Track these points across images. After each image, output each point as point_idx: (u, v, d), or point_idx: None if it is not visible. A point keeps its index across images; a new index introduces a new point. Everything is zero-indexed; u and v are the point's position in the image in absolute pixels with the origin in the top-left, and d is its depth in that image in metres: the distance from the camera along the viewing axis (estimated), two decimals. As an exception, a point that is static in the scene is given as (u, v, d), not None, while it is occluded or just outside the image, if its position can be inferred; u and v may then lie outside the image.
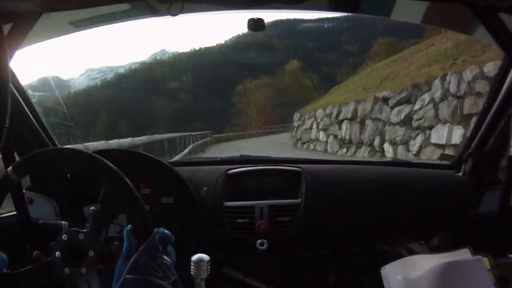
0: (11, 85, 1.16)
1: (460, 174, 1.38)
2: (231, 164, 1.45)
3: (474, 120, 5.18)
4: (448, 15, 1.18)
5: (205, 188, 1.29)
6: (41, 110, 1.31)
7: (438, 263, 0.97)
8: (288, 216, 1.26)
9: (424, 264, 1.00)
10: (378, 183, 1.36)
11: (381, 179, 1.38)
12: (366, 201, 1.31)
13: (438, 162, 1.53)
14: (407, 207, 1.32)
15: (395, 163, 1.84)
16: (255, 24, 1.14)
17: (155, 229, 0.73)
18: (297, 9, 1.20)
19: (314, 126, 12.13)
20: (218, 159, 1.65)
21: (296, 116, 15.18)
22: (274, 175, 1.41)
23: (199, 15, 1.20)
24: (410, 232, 1.38)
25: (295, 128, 14.46)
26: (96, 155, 0.78)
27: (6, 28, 0.98)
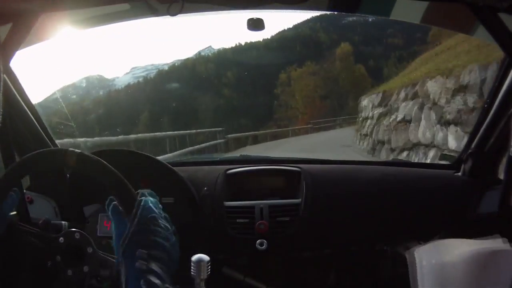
0: (11, 85, 1.16)
1: (460, 174, 1.38)
2: (231, 164, 1.45)
3: None
4: (448, 15, 1.18)
5: (205, 188, 1.29)
6: (41, 111, 1.31)
7: (475, 250, 0.92)
8: (288, 216, 1.26)
9: (458, 249, 0.95)
10: (378, 183, 1.36)
11: (381, 179, 1.38)
12: (366, 201, 1.31)
13: (438, 162, 1.53)
14: (407, 207, 1.32)
15: (395, 163, 1.84)
16: (255, 24, 1.14)
17: (138, 197, 0.69)
18: (297, 9, 1.21)
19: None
20: (218, 159, 1.65)
21: (367, 101, 9.44)
22: (274, 175, 1.41)
23: (198, 15, 1.20)
24: (410, 232, 1.38)
25: (365, 120, 9.04)
26: (96, 156, 0.78)
27: (6, 28, 0.98)
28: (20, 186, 1.00)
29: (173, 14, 1.02)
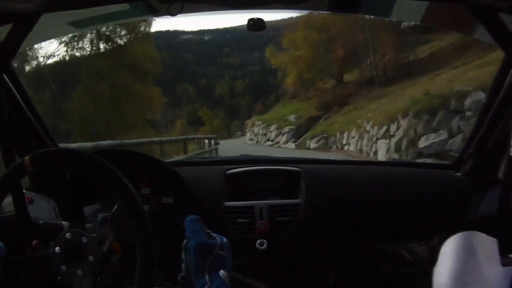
0: (11, 85, 1.17)
1: (460, 174, 1.38)
2: (231, 164, 1.45)
3: None
4: (448, 15, 1.18)
5: (204, 188, 1.29)
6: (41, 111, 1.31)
7: None
8: (288, 216, 1.26)
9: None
10: (378, 183, 1.36)
11: (381, 179, 1.38)
12: (366, 201, 1.31)
13: (438, 162, 1.53)
14: (407, 207, 1.32)
15: (395, 163, 1.84)
16: (255, 24, 1.14)
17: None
18: (297, 9, 1.21)
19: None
20: (218, 159, 1.65)
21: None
22: (273, 175, 1.41)
23: (198, 15, 1.20)
24: (410, 232, 1.38)
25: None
26: (98, 157, 0.79)
27: (6, 28, 0.98)
28: (20, 186, 1.00)
29: (173, 14, 1.02)
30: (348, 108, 17.27)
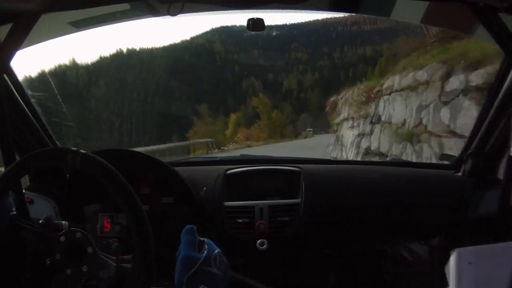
0: (11, 85, 1.17)
1: (460, 174, 1.38)
2: (231, 164, 1.45)
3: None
4: (448, 15, 1.18)
5: (204, 188, 1.29)
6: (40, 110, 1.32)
7: None
8: (287, 216, 1.26)
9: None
10: (378, 183, 1.36)
11: (381, 179, 1.38)
12: (366, 201, 1.31)
13: (438, 162, 1.53)
14: (407, 207, 1.32)
15: (395, 163, 1.84)
16: (255, 24, 1.14)
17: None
18: (297, 9, 1.20)
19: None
20: (218, 159, 1.65)
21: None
22: (273, 175, 1.41)
23: (199, 15, 1.20)
24: (410, 232, 1.38)
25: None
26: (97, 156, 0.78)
27: (6, 28, 0.98)
28: (20, 185, 1.00)
29: (173, 14, 1.02)
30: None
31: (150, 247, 0.75)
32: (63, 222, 0.92)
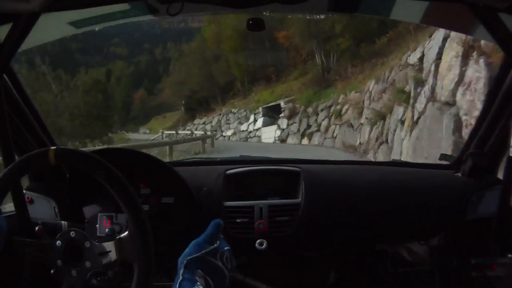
0: (11, 85, 1.17)
1: (459, 174, 1.38)
2: (231, 164, 1.45)
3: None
4: (448, 15, 1.18)
5: (204, 188, 1.29)
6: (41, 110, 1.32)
7: None
8: (287, 216, 1.26)
9: None
10: (377, 183, 1.36)
11: (381, 179, 1.38)
12: (365, 201, 1.31)
13: (438, 162, 1.53)
14: (407, 207, 1.32)
15: (395, 163, 1.84)
16: (255, 24, 1.14)
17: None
18: (297, 9, 1.21)
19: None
20: (218, 159, 1.65)
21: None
22: (273, 175, 1.41)
23: (198, 15, 1.20)
24: (410, 232, 1.38)
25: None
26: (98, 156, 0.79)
27: (6, 28, 0.98)
28: (20, 186, 1.01)
29: (173, 14, 1.02)
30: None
31: (150, 247, 0.75)
32: (63, 222, 0.92)
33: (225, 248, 0.74)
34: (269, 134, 18.13)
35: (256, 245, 1.23)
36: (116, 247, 0.78)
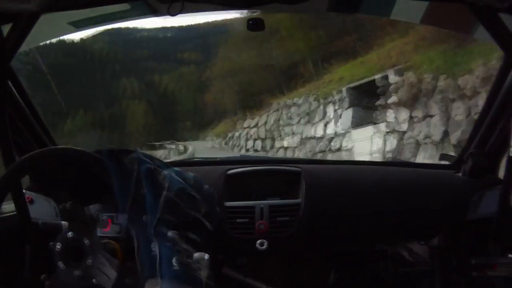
0: (11, 85, 1.17)
1: (460, 174, 1.38)
2: (231, 164, 1.45)
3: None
4: (448, 15, 1.18)
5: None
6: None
7: None
8: (288, 216, 1.26)
9: None
10: (378, 183, 1.36)
11: (381, 179, 1.38)
12: (366, 201, 1.31)
13: (438, 162, 1.53)
14: (407, 207, 1.32)
15: (395, 163, 1.84)
16: (255, 24, 1.14)
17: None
18: (297, 9, 1.21)
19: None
20: (218, 159, 1.65)
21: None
22: (274, 175, 1.41)
23: (198, 15, 1.20)
24: (410, 232, 1.38)
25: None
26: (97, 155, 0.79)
27: (6, 28, 0.98)
28: (20, 186, 1.00)
29: (173, 14, 1.02)
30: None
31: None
32: (63, 222, 0.92)
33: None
34: (366, 144, 8.50)
35: (257, 245, 1.23)
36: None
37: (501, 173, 1.24)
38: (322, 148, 10.16)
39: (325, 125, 10.43)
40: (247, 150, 14.59)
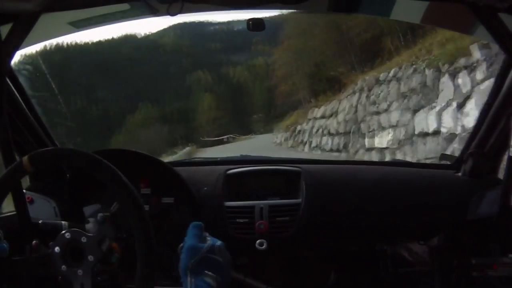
0: (11, 85, 1.17)
1: (460, 174, 1.38)
2: (231, 164, 1.45)
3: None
4: (448, 15, 1.18)
5: (205, 188, 1.29)
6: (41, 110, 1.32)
7: None
8: (288, 216, 1.26)
9: None
10: (378, 183, 1.36)
11: (381, 179, 1.38)
12: (366, 201, 1.31)
13: (438, 162, 1.53)
14: (407, 207, 1.32)
15: (395, 163, 1.84)
16: (255, 24, 1.14)
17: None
18: (297, 9, 1.21)
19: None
20: (218, 159, 1.65)
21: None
22: (274, 175, 1.41)
23: (198, 15, 1.20)
24: (410, 232, 1.38)
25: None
26: (100, 157, 0.79)
27: (6, 28, 0.98)
28: (20, 186, 1.00)
29: (173, 14, 1.02)
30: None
31: (151, 246, 0.76)
32: (63, 222, 0.92)
33: (218, 243, 0.76)
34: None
35: (257, 245, 1.23)
36: (110, 225, 0.80)
37: (501, 173, 1.24)
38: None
39: (459, 108, 5.46)
40: (322, 149, 10.60)
